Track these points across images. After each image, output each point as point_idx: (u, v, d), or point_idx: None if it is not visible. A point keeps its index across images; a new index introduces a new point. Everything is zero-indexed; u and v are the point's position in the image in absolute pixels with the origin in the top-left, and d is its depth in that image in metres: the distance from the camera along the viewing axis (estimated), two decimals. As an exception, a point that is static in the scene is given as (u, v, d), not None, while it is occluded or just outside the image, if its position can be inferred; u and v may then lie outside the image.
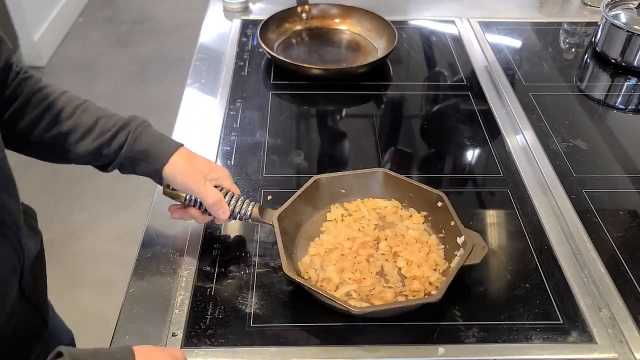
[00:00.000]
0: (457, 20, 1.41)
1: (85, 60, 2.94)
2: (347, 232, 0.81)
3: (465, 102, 1.15)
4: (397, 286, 0.75)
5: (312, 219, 0.85)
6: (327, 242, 0.80)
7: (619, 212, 0.90)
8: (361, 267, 0.76)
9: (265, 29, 1.26)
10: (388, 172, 0.86)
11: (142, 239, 0.83)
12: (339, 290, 0.73)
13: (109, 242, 2.04)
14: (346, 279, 0.74)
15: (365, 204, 0.86)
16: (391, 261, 0.78)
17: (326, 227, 0.83)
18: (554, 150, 1.01)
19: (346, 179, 0.86)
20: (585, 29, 1.39)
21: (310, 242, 0.81)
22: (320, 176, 0.84)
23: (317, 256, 0.78)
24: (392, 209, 0.86)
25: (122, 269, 0.90)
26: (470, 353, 0.69)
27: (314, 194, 0.84)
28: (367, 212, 0.85)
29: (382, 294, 0.73)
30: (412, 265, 0.77)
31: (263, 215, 0.78)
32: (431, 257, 0.78)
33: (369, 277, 0.75)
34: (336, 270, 0.75)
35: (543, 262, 0.81)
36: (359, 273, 0.75)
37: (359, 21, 1.33)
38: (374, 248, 0.80)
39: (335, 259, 0.77)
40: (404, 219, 0.84)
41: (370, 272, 0.76)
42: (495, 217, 0.90)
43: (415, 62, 1.29)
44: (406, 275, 0.76)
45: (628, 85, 1.22)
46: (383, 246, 0.80)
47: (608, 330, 0.72)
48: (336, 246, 0.79)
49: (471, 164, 1.01)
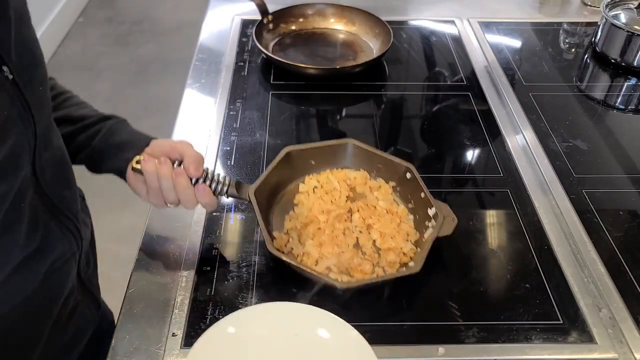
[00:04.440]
0: (457, 21, 1.41)
1: (85, 61, 2.94)
2: (320, 204, 0.82)
3: (465, 102, 1.15)
4: (373, 258, 0.77)
5: (285, 191, 0.85)
6: (301, 215, 0.81)
7: (619, 212, 0.90)
8: (339, 241, 0.77)
9: (260, 29, 1.26)
10: (357, 143, 0.86)
11: (142, 239, 0.83)
12: (319, 265, 0.74)
13: (108, 242, 2.04)
14: (325, 254, 0.76)
15: (335, 175, 0.86)
16: (365, 233, 0.80)
17: (299, 199, 0.84)
18: (554, 150, 1.01)
19: (316, 151, 0.86)
20: (585, 29, 1.39)
21: (285, 215, 0.82)
22: (291, 148, 0.84)
23: (293, 230, 0.79)
24: (361, 180, 0.86)
25: (122, 269, 0.90)
26: (470, 353, 0.69)
27: (285, 166, 0.84)
28: (338, 184, 0.85)
29: (361, 267, 0.74)
30: (386, 237, 0.78)
31: (239, 191, 0.77)
32: (402, 227, 0.80)
33: (347, 250, 0.77)
34: (315, 244, 0.76)
35: (543, 262, 0.81)
36: (337, 247, 0.77)
37: (354, 21, 1.33)
38: (348, 220, 0.81)
39: (312, 233, 0.78)
40: (374, 190, 0.85)
41: (347, 245, 0.78)
42: (495, 217, 0.90)
43: (415, 62, 1.29)
44: (380, 247, 0.78)
45: (628, 85, 1.22)
46: (356, 218, 0.81)
47: (608, 330, 0.72)
48: (312, 219, 0.80)
49: (471, 164, 1.01)
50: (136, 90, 2.75)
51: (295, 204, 0.83)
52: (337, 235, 0.78)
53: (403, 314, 0.73)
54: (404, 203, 0.84)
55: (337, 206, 0.82)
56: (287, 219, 0.81)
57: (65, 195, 0.69)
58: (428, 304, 0.75)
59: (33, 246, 0.63)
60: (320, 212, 0.80)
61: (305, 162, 0.87)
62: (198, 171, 0.72)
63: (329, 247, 0.76)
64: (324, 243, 0.77)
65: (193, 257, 0.80)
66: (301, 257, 0.76)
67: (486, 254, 0.82)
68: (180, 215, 0.87)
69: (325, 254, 0.76)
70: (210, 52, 1.28)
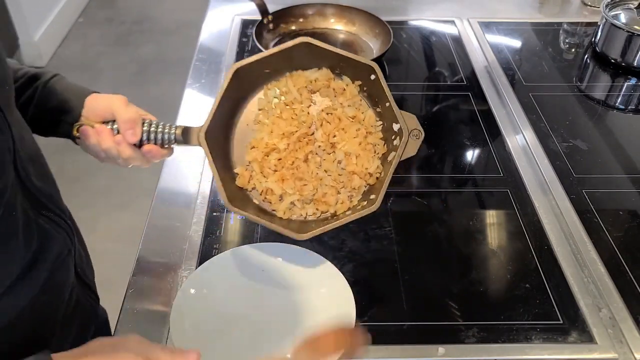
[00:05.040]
0: (457, 21, 1.41)
1: (85, 61, 2.94)
2: (280, 125, 0.76)
3: (465, 102, 1.15)
4: (338, 182, 0.75)
5: (244, 112, 0.78)
6: (261, 143, 0.76)
7: (619, 212, 0.90)
8: (301, 172, 0.75)
9: (260, 29, 1.26)
10: (312, 41, 0.74)
11: (142, 239, 0.83)
12: (283, 202, 0.74)
13: (108, 242, 2.04)
14: (288, 189, 0.74)
15: (294, 80, 0.78)
16: (329, 153, 0.76)
17: (258, 119, 0.78)
18: (554, 150, 1.01)
19: (270, 59, 0.75)
20: (585, 29, 1.39)
21: (247, 144, 0.77)
22: (239, 64, 0.72)
23: (255, 162, 0.75)
24: (324, 81, 0.78)
25: (121, 269, 0.90)
26: (470, 353, 0.69)
27: (238, 86, 0.74)
28: (298, 94, 0.77)
29: (325, 198, 0.74)
30: (351, 157, 0.75)
31: (188, 137, 0.70)
32: (369, 140, 0.76)
33: (310, 181, 0.74)
34: (277, 179, 0.74)
35: (543, 262, 0.81)
36: (299, 181, 0.74)
37: (354, 21, 1.33)
38: (310, 143, 0.76)
39: (274, 164, 0.75)
40: (338, 95, 0.78)
41: (310, 174, 0.75)
42: (495, 217, 0.90)
43: (415, 62, 1.29)
44: (345, 168, 0.75)
45: (628, 85, 1.22)
46: (319, 136, 0.76)
47: (608, 330, 0.72)
48: (272, 148, 0.75)
49: (471, 164, 1.01)
50: (136, 90, 2.75)
51: (255, 124, 0.77)
52: (299, 166, 0.75)
53: (403, 314, 0.73)
54: (372, 107, 0.77)
55: (299, 123, 0.76)
56: (248, 147, 0.76)
57: (51, 192, 0.67)
58: (428, 304, 0.75)
59: (32, 252, 0.62)
60: (281, 137, 0.75)
61: (260, 75, 0.77)
62: (135, 136, 0.70)
63: (291, 182, 0.74)
64: (286, 177, 0.74)
65: (193, 257, 0.80)
66: (264, 194, 0.74)
67: (486, 254, 0.82)
68: (181, 215, 0.87)
69: (288, 190, 0.73)
70: (211, 52, 1.28)
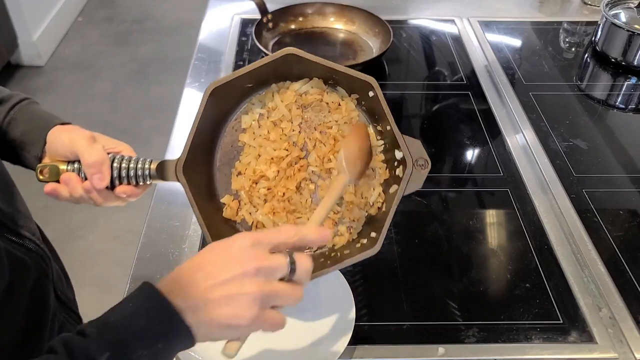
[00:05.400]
0: (457, 20, 1.41)
1: (85, 60, 2.94)
2: (268, 148, 0.68)
3: (465, 102, 1.14)
4: (335, 213, 0.68)
5: (225, 133, 0.70)
6: (249, 169, 0.69)
7: (619, 211, 0.90)
8: (293, 204, 0.68)
9: (260, 28, 1.26)
10: (299, 53, 0.63)
11: (142, 239, 0.83)
12: None
13: (108, 241, 2.04)
14: (280, 223, 0.67)
15: (281, 95, 0.69)
16: (324, 180, 0.69)
17: (243, 139, 0.70)
18: (554, 150, 1.01)
19: (250, 74, 0.64)
20: (585, 28, 1.39)
21: (232, 169, 0.70)
22: (216, 83, 0.63)
23: (242, 190, 0.69)
24: (316, 95, 0.69)
25: (121, 269, 0.89)
26: (470, 353, 0.69)
27: (217, 106, 0.66)
28: (287, 111, 0.69)
29: None
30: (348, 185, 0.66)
31: (164, 173, 0.64)
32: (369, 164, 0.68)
33: (304, 213, 0.68)
34: (267, 211, 0.67)
35: (543, 261, 0.80)
36: (291, 214, 0.68)
37: (353, 20, 1.33)
38: (303, 168, 0.68)
39: (263, 195, 0.68)
40: (332, 111, 0.70)
41: (304, 204, 0.68)
42: (495, 216, 0.90)
43: (415, 61, 1.28)
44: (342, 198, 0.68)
45: (628, 84, 1.22)
46: (313, 160, 0.69)
47: (608, 330, 0.72)
48: (260, 175, 0.68)
49: (471, 164, 1.01)
50: (136, 90, 2.75)
51: (240, 146, 0.70)
52: (290, 197, 0.68)
53: (403, 314, 0.73)
54: (371, 123, 0.69)
55: (289, 145, 0.68)
56: (233, 173, 0.69)
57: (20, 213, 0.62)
58: (428, 304, 0.75)
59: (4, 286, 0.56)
60: (270, 163, 0.68)
61: (242, 90, 0.69)
62: (103, 180, 0.63)
63: (283, 215, 0.67)
64: (276, 210, 0.67)
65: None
66: (254, 227, 0.68)
67: (486, 254, 0.82)
68: (180, 215, 0.87)
69: (280, 223, 0.67)
70: (210, 52, 1.28)
